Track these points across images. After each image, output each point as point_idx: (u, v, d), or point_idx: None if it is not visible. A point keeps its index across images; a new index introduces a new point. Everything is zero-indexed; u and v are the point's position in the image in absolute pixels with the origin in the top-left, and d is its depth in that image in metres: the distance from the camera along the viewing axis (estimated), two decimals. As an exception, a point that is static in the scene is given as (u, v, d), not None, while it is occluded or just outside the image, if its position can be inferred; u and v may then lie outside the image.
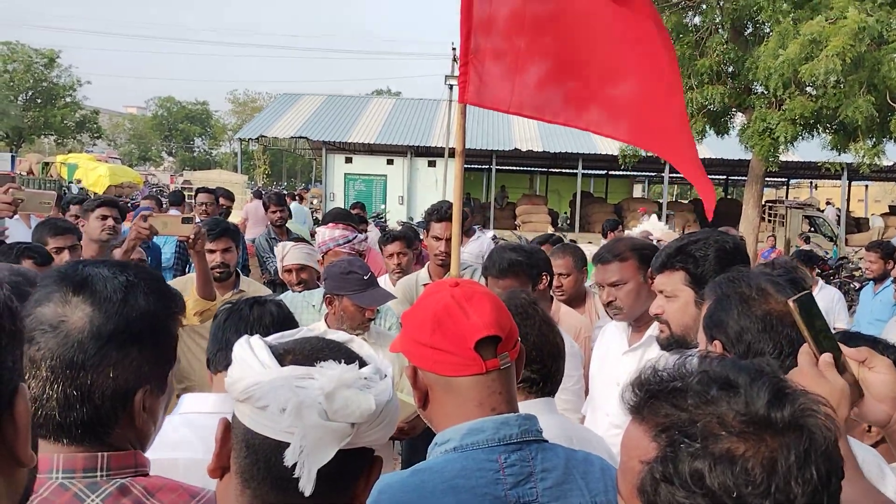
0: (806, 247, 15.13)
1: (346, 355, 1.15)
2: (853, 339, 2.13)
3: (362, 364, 1.15)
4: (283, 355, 1.15)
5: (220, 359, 2.08)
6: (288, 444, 1.07)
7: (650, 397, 1.03)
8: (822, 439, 0.96)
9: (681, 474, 0.94)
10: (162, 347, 1.35)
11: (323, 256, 3.99)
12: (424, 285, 4.71)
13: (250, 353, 1.14)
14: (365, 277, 3.41)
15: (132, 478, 1.26)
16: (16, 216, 3.80)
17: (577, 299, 4.73)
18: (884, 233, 27.97)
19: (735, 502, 0.91)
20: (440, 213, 4.67)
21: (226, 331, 2.11)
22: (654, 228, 12.95)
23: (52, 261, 3.16)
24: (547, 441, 1.59)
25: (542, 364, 2.12)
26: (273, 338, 1.23)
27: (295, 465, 1.07)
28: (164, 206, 11.18)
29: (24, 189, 3.34)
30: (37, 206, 3.35)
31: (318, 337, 1.23)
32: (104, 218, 4.47)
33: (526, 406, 1.97)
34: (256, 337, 1.19)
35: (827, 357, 1.29)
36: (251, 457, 1.13)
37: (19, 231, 4.75)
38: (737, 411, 0.96)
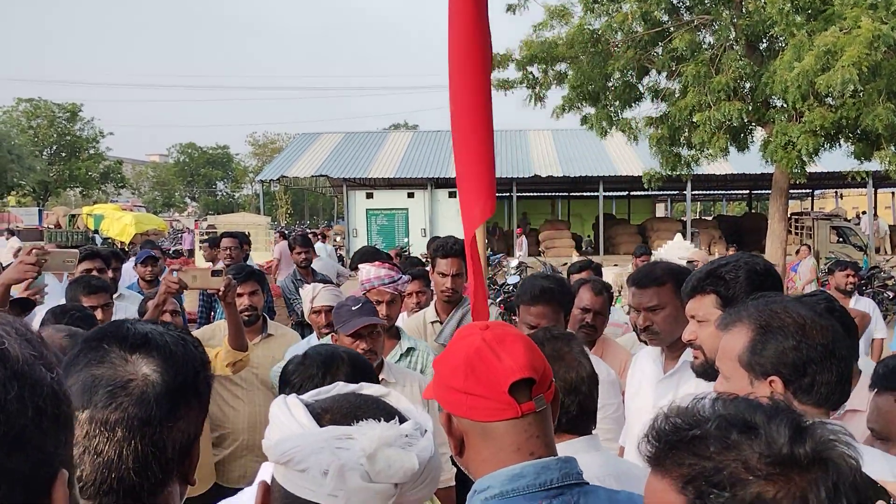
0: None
1: (384, 412, 1.13)
2: None
3: (402, 420, 1.13)
4: (321, 415, 1.13)
5: None
6: None
7: (670, 448, 1.01)
8: (849, 470, 0.95)
9: None
10: (208, 397, 1.35)
11: (365, 294, 3.97)
12: (432, 322, 4.70)
13: (287, 414, 1.12)
14: (353, 308, 3.38)
15: None
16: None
17: None
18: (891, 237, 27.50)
19: None
20: (445, 249, 4.65)
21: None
22: (679, 247, 12.87)
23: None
24: (588, 483, 1.55)
25: (589, 397, 2.09)
26: (310, 394, 1.21)
27: None
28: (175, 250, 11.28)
29: (48, 249, 3.36)
30: (61, 264, 3.37)
31: (354, 393, 1.21)
32: None
33: (571, 445, 1.94)
34: (293, 396, 1.17)
35: None
36: None
37: (53, 288, 4.79)
38: (760, 453, 0.94)
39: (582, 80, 13.65)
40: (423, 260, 13.99)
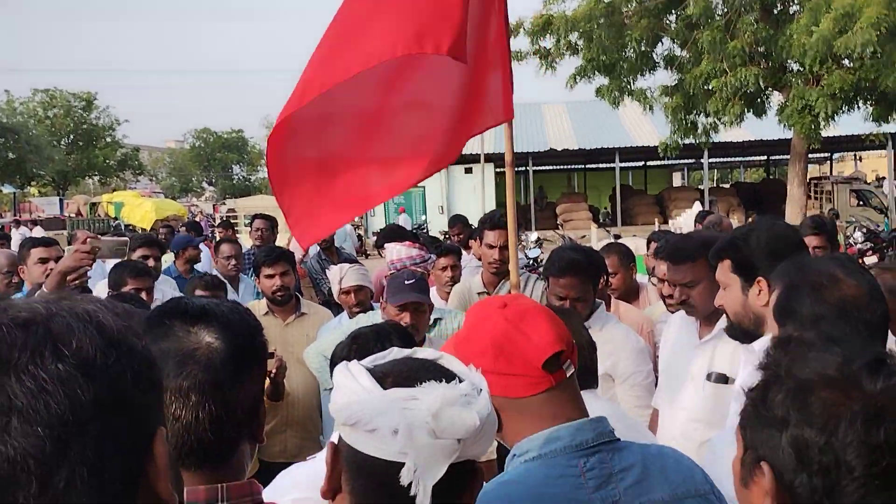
0: None
1: (443, 374, 1.21)
2: None
3: (459, 381, 1.21)
4: (383, 378, 1.20)
5: None
6: (398, 464, 1.13)
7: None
8: None
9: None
10: (265, 359, 1.46)
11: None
12: (479, 293, 4.77)
13: (352, 379, 1.20)
14: (406, 283, 3.58)
15: None
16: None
17: (630, 294, 4.76)
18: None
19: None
20: (493, 221, 4.72)
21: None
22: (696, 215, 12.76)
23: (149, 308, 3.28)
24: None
25: (591, 360, 2.18)
26: (367, 360, 1.28)
27: (410, 483, 1.12)
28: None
29: (100, 238, 3.49)
30: (113, 252, 3.52)
31: (411, 357, 1.28)
32: (43, 261, 4.36)
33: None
34: (354, 362, 1.25)
35: None
36: (362, 478, 1.19)
37: (95, 271, 4.87)
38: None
39: (596, 51, 13.60)
40: (442, 238, 14.05)
